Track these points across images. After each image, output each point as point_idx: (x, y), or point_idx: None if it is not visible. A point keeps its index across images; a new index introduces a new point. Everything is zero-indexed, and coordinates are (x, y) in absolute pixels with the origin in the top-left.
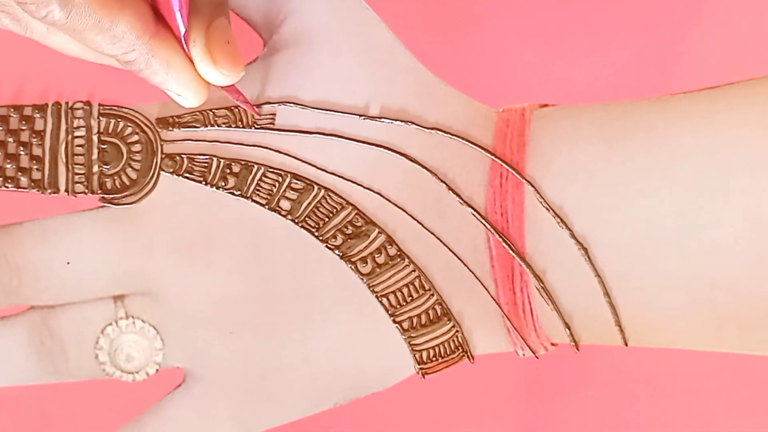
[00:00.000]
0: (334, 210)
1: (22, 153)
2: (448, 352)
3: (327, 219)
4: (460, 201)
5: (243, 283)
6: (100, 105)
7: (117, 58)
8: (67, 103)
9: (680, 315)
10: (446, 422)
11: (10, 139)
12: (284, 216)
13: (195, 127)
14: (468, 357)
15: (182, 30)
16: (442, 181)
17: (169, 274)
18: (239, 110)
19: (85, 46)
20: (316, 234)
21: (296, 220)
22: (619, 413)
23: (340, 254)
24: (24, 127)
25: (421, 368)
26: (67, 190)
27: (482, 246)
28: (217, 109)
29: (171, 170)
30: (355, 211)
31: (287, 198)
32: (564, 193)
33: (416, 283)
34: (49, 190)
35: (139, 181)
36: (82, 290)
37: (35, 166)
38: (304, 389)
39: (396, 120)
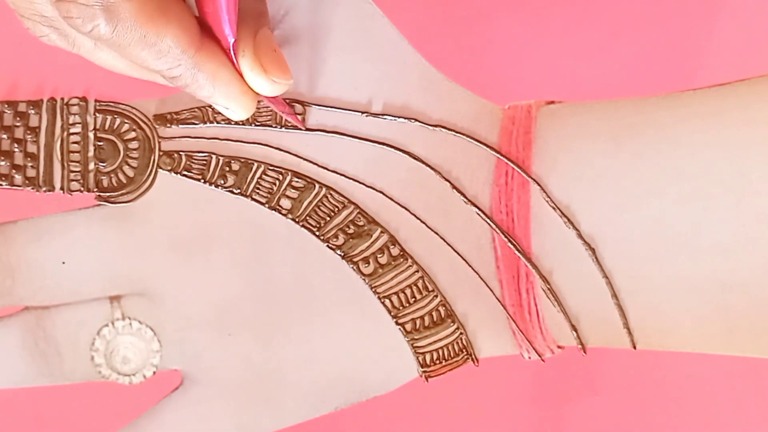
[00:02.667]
0: (336, 209)
1: (16, 150)
2: (452, 355)
3: (328, 218)
4: (465, 200)
5: (242, 284)
6: (96, 101)
7: (162, 73)
8: (62, 99)
9: (690, 317)
10: (450, 426)
11: (4, 136)
12: (284, 215)
13: (193, 123)
14: (472, 360)
15: (231, 40)
16: (446, 179)
17: (167, 274)
18: None
19: (131, 61)
20: (317, 233)
21: (297, 220)
22: (627, 418)
23: (342, 254)
24: (18, 124)
25: (424, 371)
26: (62, 188)
27: (487, 246)
28: None
29: (169, 168)
30: (357, 210)
31: (288, 197)
32: (571, 192)
33: (419, 284)
34: (44, 188)
35: (136, 179)
36: (78, 290)
37: (30, 164)
38: (304, 393)
39: (399, 117)
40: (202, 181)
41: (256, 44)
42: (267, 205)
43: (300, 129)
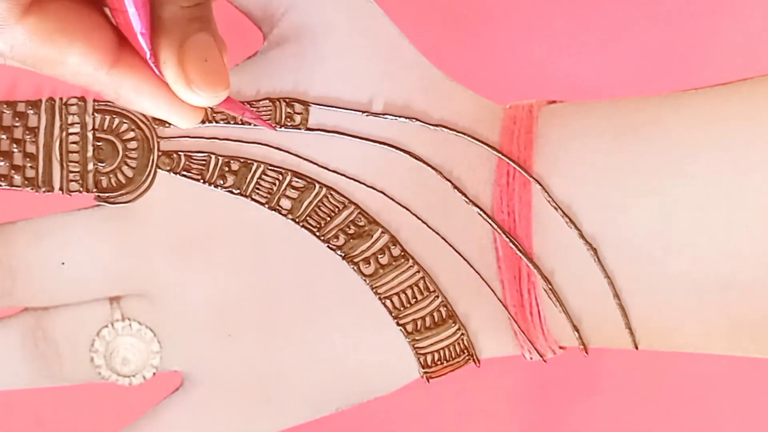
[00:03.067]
0: (336, 209)
1: (15, 150)
2: (453, 356)
3: (329, 218)
4: (466, 200)
5: (242, 285)
6: (95, 101)
7: (92, 87)
8: (61, 98)
9: (692, 317)
10: (451, 428)
11: (3, 136)
12: (285, 215)
13: None
14: (474, 360)
15: (148, 53)
16: (447, 179)
17: (167, 275)
18: None
19: (53, 76)
20: (318, 234)
21: (297, 220)
22: (629, 418)
23: (342, 255)
24: (17, 124)
25: (425, 372)
26: (61, 189)
27: (488, 246)
28: None
29: (168, 168)
30: (358, 211)
31: (288, 197)
32: (573, 191)
33: (421, 285)
34: (43, 189)
35: (135, 180)
36: (77, 291)
37: (29, 164)
38: (304, 394)
39: (400, 116)
40: (202, 181)
41: (182, 53)
42: (267, 206)
43: (273, 128)
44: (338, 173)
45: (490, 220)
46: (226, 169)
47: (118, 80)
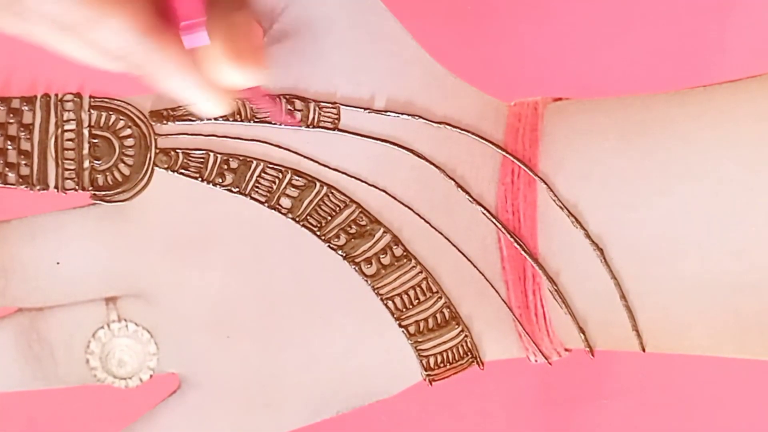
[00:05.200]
0: (337, 208)
1: (9, 147)
2: (456, 358)
3: (329, 218)
4: (470, 199)
5: (241, 285)
6: (91, 97)
7: (124, 60)
8: (56, 95)
9: (700, 319)
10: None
11: None
12: (284, 214)
13: (191, 120)
14: (477, 363)
15: (196, 27)
16: (450, 177)
17: (164, 275)
18: (236, 102)
19: (89, 47)
20: (318, 233)
21: (297, 219)
22: (635, 422)
23: (344, 255)
24: (11, 121)
25: (428, 375)
26: (56, 187)
27: (493, 246)
28: None
29: (165, 166)
30: (359, 210)
31: (288, 195)
32: (579, 190)
33: (423, 286)
34: (37, 187)
35: (131, 178)
36: (72, 292)
37: (23, 161)
38: (304, 396)
39: (402, 114)
40: (200, 179)
41: (227, 30)
42: (266, 204)
43: (300, 126)
44: (339, 171)
45: (494, 220)
46: (225, 167)
47: (160, 52)
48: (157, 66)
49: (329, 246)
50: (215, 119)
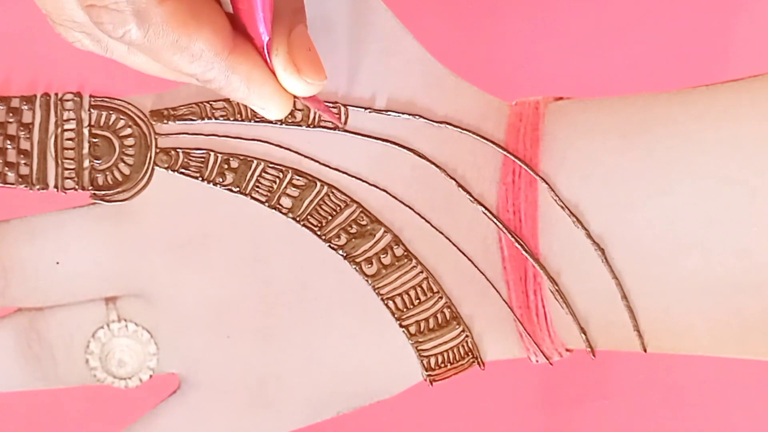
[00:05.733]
0: (338, 208)
1: (9, 147)
2: (457, 358)
3: (330, 217)
4: (471, 198)
5: (241, 285)
6: (91, 96)
7: (196, 77)
8: (56, 94)
9: (702, 320)
10: None
11: None
12: (285, 214)
13: (191, 119)
14: (478, 363)
15: (265, 39)
16: (451, 177)
17: (164, 274)
18: (237, 102)
19: (164, 65)
20: (319, 233)
21: (298, 219)
22: (637, 423)
23: (344, 254)
24: (11, 120)
25: (428, 375)
26: (56, 186)
27: (494, 246)
28: (214, 101)
29: (166, 165)
30: (360, 209)
31: (288, 195)
32: (580, 190)
33: (424, 286)
34: (37, 186)
35: (132, 177)
36: (72, 291)
37: (23, 161)
38: (305, 397)
39: (403, 113)
40: (200, 179)
41: (291, 43)
42: (267, 204)
43: (339, 126)
44: (340, 171)
45: (495, 220)
46: (226, 166)
47: (233, 67)
48: (228, 81)
49: (330, 246)
50: (215, 118)
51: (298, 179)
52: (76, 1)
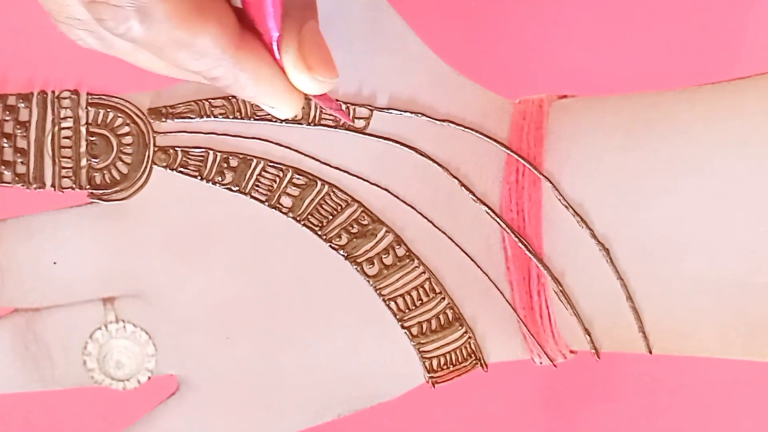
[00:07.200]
0: (339, 207)
1: (5, 145)
2: (459, 360)
3: (331, 217)
4: (474, 198)
5: (241, 286)
6: (88, 94)
7: (202, 74)
8: (53, 92)
9: (708, 321)
10: None
11: None
12: (285, 213)
13: (190, 117)
14: (481, 365)
15: (275, 35)
16: (454, 176)
17: (162, 275)
18: (237, 99)
19: (169, 63)
20: (320, 233)
21: (298, 218)
22: (642, 426)
23: (345, 255)
24: (8, 118)
25: (431, 377)
26: (53, 185)
27: (497, 246)
28: (213, 98)
29: (164, 164)
30: (361, 209)
31: (288, 194)
32: (584, 189)
33: (426, 286)
34: (34, 185)
35: (130, 176)
36: (70, 292)
37: (20, 160)
38: (305, 399)
39: (405, 111)
40: (199, 177)
41: (301, 39)
42: (267, 203)
43: (352, 126)
44: (341, 170)
45: (498, 219)
46: (225, 165)
47: (240, 64)
48: (235, 78)
49: (330, 246)
50: (214, 116)
51: (298, 178)
52: None
